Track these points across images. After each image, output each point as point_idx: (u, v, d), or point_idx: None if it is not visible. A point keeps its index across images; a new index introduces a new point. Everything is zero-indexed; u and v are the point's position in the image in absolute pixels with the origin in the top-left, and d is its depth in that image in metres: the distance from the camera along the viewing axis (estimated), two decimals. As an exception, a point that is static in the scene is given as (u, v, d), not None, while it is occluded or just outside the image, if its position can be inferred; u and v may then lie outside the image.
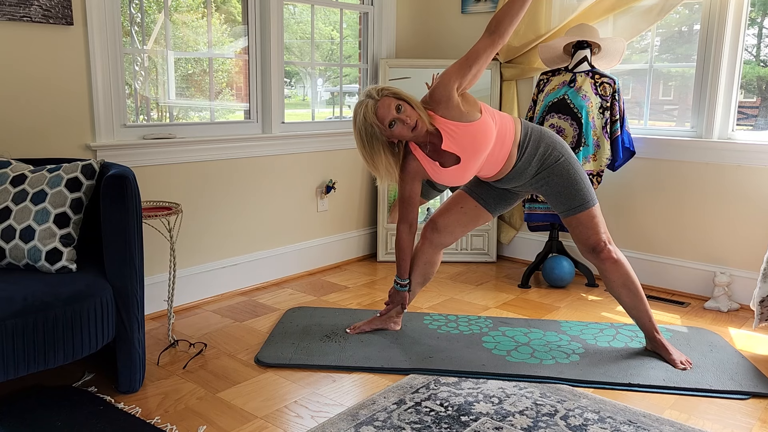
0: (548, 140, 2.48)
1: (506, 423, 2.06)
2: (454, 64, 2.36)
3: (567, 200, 2.49)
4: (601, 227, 2.52)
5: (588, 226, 2.50)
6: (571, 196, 2.48)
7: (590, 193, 2.50)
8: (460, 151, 2.36)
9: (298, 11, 3.76)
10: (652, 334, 2.57)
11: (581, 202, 2.48)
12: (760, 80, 3.33)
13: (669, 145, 3.39)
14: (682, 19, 3.47)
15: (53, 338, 1.94)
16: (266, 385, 2.33)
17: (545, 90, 3.42)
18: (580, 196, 2.48)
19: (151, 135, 2.96)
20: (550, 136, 2.49)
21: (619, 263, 2.51)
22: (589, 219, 2.50)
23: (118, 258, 2.12)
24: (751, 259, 3.22)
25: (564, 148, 2.50)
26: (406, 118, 2.30)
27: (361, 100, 2.37)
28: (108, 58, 2.75)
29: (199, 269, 3.20)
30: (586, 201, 2.48)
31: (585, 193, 2.49)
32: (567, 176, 2.47)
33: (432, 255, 2.72)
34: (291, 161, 3.58)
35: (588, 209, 2.49)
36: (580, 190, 2.48)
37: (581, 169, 2.51)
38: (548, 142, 2.48)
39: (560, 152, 2.48)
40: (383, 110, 2.31)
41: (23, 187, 2.18)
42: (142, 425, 2.03)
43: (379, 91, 2.35)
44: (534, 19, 3.70)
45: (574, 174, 2.48)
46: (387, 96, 2.33)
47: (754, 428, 2.08)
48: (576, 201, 2.48)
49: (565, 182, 2.47)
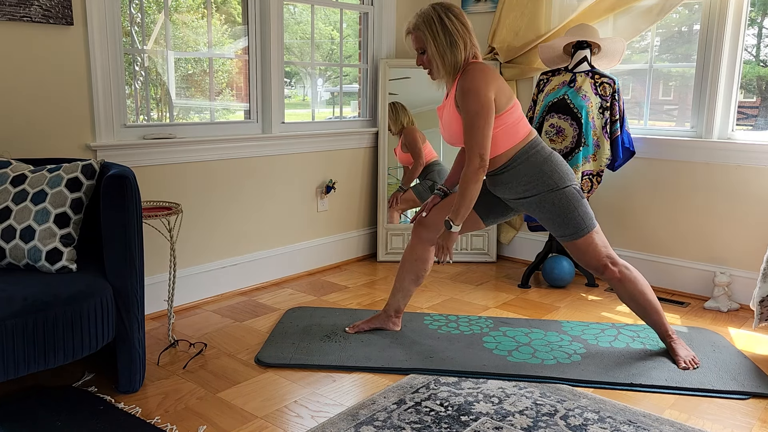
0: (548, 169, 2.43)
1: (506, 423, 2.05)
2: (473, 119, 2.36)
3: (560, 227, 2.48)
4: (601, 251, 2.48)
5: (585, 252, 2.49)
6: (563, 225, 2.47)
7: (585, 221, 2.45)
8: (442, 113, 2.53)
9: (298, 11, 3.76)
10: (664, 338, 2.60)
11: (574, 231, 2.46)
12: (760, 80, 3.34)
13: (669, 145, 3.39)
14: (682, 19, 3.47)
15: (53, 338, 1.94)
16: (266, 385, 2.33)
17: (545, 90, 3.42)
18: (573, 225, 2.45)
19: (151, 135, 2.96)
20: (551, 167, 2.43)
21: (624, 281, 2.49)
22: (585, 245, 2.48)
23: (118, 258, 2.12)
24: (751, 259, 3.22)
25: (563, 180, 2.44)
26: (423, 62, 2.48)
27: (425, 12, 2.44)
28: (108, 58, 2.75)
29: (199, 269, 3.20)
30: (581, 229, 2.45)
31: (578, 222, 2.45)
32: (559, 206, 2.45)
33: (422, 251, 2.72)
34: (291, 161, 3.58)
35: (583, 237, 2.46)
36: (573, 219, 2.45)
37: (578, 200, 2.45)
38: (546, 171, 2.43)
39: (555, 183, 2.43)
40: (412, 42, 2.49)
41: (23, 187, 2.18)
42: (142, 425, 2.03)
43: (413, 27, 2.45)
44: (534, 19, 3.70)
45: (568, 204, 2.44)
46: (414, 33, 2.45)
47: (754, 428, 2.08)
48: (569, 229, 2.47)
49: (557, 211, 2.45)
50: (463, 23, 2.42)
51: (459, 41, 2.39)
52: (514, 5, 3.75)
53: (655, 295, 2.55)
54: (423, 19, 2.42)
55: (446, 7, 2.42)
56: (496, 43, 3.83)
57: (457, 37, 2.39)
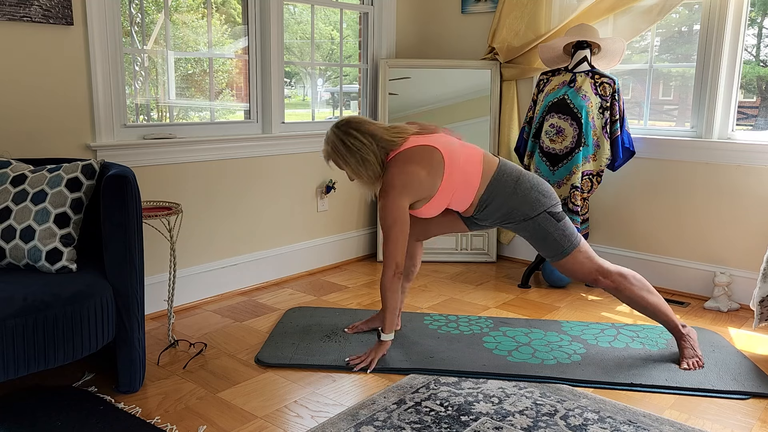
0: (516, 203, 2.41)
1: (506, 423, 2.05)
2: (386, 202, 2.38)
3: (541, 249, 2.49)
4: (588, 267, 2.47)
5: (572, 269, 2.48)
6: (543, 247, 2.47)
7: (563, 243, 2.44)
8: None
9: (298, 11, 3.76)
10: (674, 335, 2.57)
11: (555, 253, 2.46)
12: (760, 80, 3.34)
13: (669, 145, 3.39)
14: (682, 19, 3.47)
15: (53, 338, 1.94)
16: (266, 385, 2.33)
17: (545, 90, 3.42)
18: (552, 248, 2.45)
19: (151, 135, 2.96)
20: (520, 199, 2.41)
21: (620, 289, 2.48)
22: (570, 264, 2.47)
23: (118, 258, 2.12)
24: (751, 259, 3.22)
25: (533, 209, 2.41)
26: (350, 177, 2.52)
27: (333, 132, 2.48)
28: (108, 58, 2.75)
29: (199, 269, 3.20)
30: (561, 251, 2.44)
31: (556, 245, 2.44)
32: (533, 232, 2.45)
33: (410, 247, 2.73)
34: (291, 161, 3.58)
35: (565, 257, 2.45)
36: (550, 242, 2.44)
37: (552, 225, 2.42)
38: (514, 204, 2.42)
39: (526, 214, 2.42)
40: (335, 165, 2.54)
41: (23, 187, 2.18)
42: (142, 425, 2.03)
43: (326, 156, 2.50)
44: (534, 19, 3.70)
45: (542, 230, 2.43)
46: (329, 159, 2.50)
47: (754, 428, 2.08)
48: (550, 251, 2.47)
49: (534, 236, 2.46)
50: (364, 132, 2.41)
51: (368, 155, 2.40)
52: (514, 5, 3.75)
53: (658, 294, 2.54)
54: (330, 147, 2.46)
55: (345, 126, 2.44)
56: (496, 43, 3.83)
57: (365, 151, 2.40)
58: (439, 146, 2.41)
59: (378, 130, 2.44)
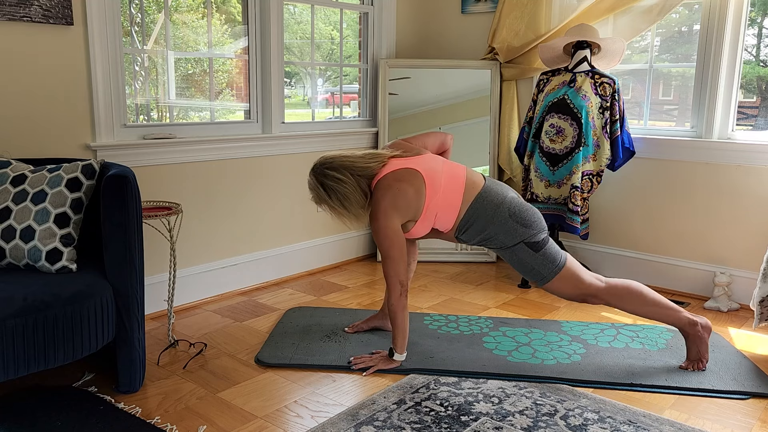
0: (493, 231, 2.39)
1: (506, 423, 2.06)
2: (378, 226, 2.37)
3: (522, 274, 2.47)
4: (572, 292, 2.43)
5: (558, 292, 2.45)
6: (524, 273, 2.45)
7: (543, 271, 2.40)
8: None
9: (298, 11, 3.76)
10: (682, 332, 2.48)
11: (535, 278, 2.44)
12: (759, 80, 3.34)
13: (669, 145, 3.39)
14: (682, 19, 3.47)
15: (53, 338, 1.94)
16: (266, 385, 2.33)
17: (545, 90, 3.42)
18: (532, 274, 2.43)
19: (151, 135, 2.96)
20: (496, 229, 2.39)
21: (613, 302, 2.43)
22: (554, 288, 2.44)
23: (118, 258, 2.12)
24: (751, 259, 3.22)
25: (510, 238, 2.39)
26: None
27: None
28: (108, 58, 2.75)
29: (199, 269, 3.20)
30: (542, 277, 2.42)
31: (538, 272, 2.41)
32: (513, 259, 2.44)
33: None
34: (291, 161, 3.58)
35: (547, 282, 2.43)
36: (532, 269, 2.42)
37: (529, 255, 2.39)
38: (492, 233, 2.40)
39: (503, 243, 2.40)
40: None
41: (23, 187, 2.18)
42: (142, 425, 2.03)
43: (314, 201, 2.49)
44: (534, 19, 3.70)
45: (520, 259, 2.41)
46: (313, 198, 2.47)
47: (754, 428, 2.08)
48: (531, 277, 2.45)
49: (513, 262, 2.45)
50: (338, 167, 2.40)
51: (348, 190, 2.38)
52: (514, 5, 3.76)
53: (655, 296, 2.46)
54: (314, 192, 2.46)
55: (319, 168, 2.43)
56: (496, 43, 3.83)
57: (344, 188, 2.38)
58: (421, 169, 2.39)
59: (352, 160, 2.42)
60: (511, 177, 3.92)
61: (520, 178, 3.79)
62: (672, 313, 2.44)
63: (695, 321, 2.44)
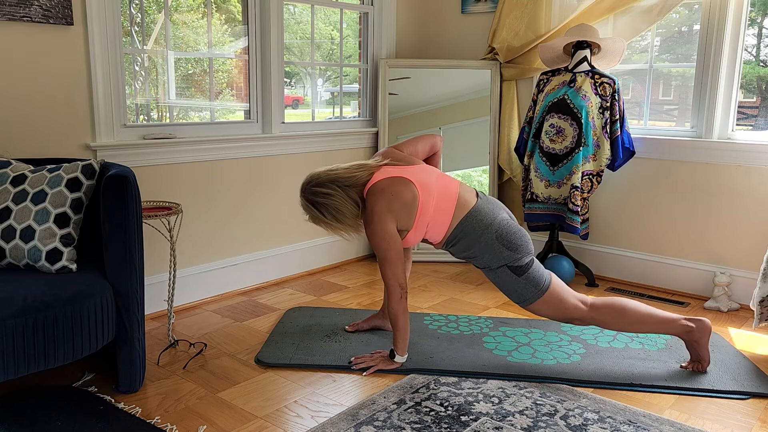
0: (478, 251, 2.39)
1: (506, 423, 2.06)
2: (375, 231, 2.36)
3: (505, 294, 2.46)
4: (556, 312, 2.41)
5: (541, 313, 2.44)
6: (506, 293, 2.45)
7: (529, 292, 2.38)
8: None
9: (298, 11, 3.76)
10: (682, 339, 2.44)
11: (518, 300, 2.43)
12: (760, 80, 3.34)
13: (669, 145, 3.39)
14: (682, 19, 3.47)
15: (53, 338, 1.94)
16: (266, 385, 2.33)
17: (545, 90, 3.42)
18: (515, 297, 2.42)
19: (151, 135, 2.96)
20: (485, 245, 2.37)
21: (597, 322, 2.41)
22: (537, 309, 2.43)
23: (118, 258, 2.12)
24: (751, 259, 3.22)
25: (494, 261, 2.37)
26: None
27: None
28: (108, 58, 2.75)
29: (199, 269, 3.20)
30: (524, 300, 2.41)
31: (520, 294, 2.40)
32: (495, 280, 2.44)
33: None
34: (291, 161, 3.58)
35: (530, 305, 2.42)
36: (514, 291, 2.40)
37: (512, 279, 2.37)
38: (476, 253, 2.39)
39: (487, 264, 2.40)
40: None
41: (23, 187, 2.18)
42: (142, 425, 2.03)
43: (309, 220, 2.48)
44: (534, 19, 3.70)
45: (504, 281, 2.40)
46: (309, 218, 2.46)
47: (754, 428, 2.08)
48: (513, 298, 2.44)
49: (495, 282, 2.45)
50: (325, 181, 2.39)
51: (340, 205, 2.38)
52: (514, 5, 3.76)
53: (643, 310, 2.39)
54: (308, 212, 2.45)
55: (307, 187, 2.42)
56: (496, 43, 3.83)
57: (338, 202, 2.38)
58: (415, 180, 2.39)
59: (337, 172, 2.42)
60: (511, 177, 3.92)
61: (520, 178, 3.79)
62: (664, 324, 2.39)
63: (690, 327, 2.39)
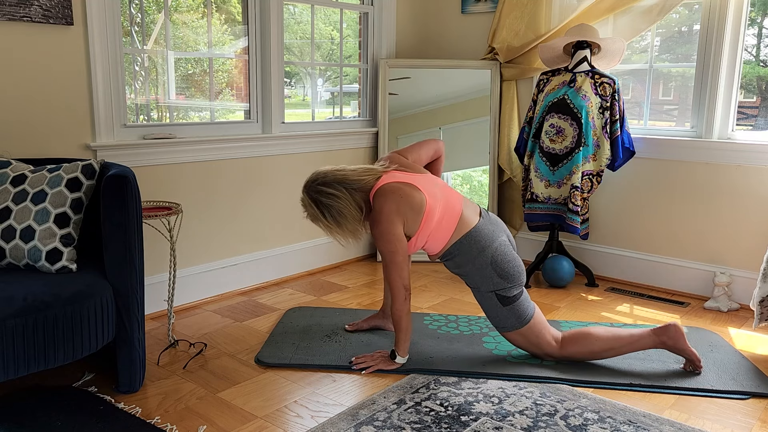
0: (472, 269, 2.40)
1: (506, 423, 2.06)
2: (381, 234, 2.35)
3: (487, 316, 2.48)
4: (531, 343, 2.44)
5: (515, 343, 2.47)
6: (488, 316, 2.47)
7: (509, 322, 2.42)
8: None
9: (298, 11, 3.76)
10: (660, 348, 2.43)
11: (499, 326, 2.46)
12: (760, 80, 3.34)
13: (669, 145, 3.39)
14: (682, 19, 3.47)
15: (53, 338, 1.94)
16: (266, 385, 2.33)
17: (545, 90, 3.42)
18: (497, 321, 2.45)
19: (151, 135, 2.96)
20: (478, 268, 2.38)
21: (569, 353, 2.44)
22: (514, 338, 2.46)
23: (118, 258, 2.12)
24: (751, 259, 3.22)
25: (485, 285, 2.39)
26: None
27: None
28: (108, 58, 2.75)
29: (199, 269, 3.20)
30: (505, 326, 2.44)
31: (502, 320, 2.42)
32: (480, 302, 2.46)
33: None
34: (291, 161, 3.58)
35: (506, 333, 2.45)
36: (495, 317, 2.43)
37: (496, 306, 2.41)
38: (469, 272, 2.41)
39: (477, 285, 2.42)
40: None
41: (23, 187, 2.18)
42: (142, 425, 2.03)
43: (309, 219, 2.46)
44: (534, 19, 3.70)
45: (488, 305, 2.43)
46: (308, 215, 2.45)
47: (754, 428, 2.08)
48: (494, 322, 2.46)
49: (481, 303, 2.47)
50: (331, 182, 2.38)
51: (344, 208, 2.36)
52: (514, 5, 3.76)
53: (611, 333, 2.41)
54: (309, 212, 2.43)
55: (312, 185, 2.40)
56: (496, 43, 3.83)
57: (342, 204, 2.36)
58: (422, 188, 2.38)
59: (345, 174, 2.40)
60: (511, 177, 3.92)
61: (520, 178, 3.79)
62: (635, 342, 2.40)
63: (661, 340, 2.39)
